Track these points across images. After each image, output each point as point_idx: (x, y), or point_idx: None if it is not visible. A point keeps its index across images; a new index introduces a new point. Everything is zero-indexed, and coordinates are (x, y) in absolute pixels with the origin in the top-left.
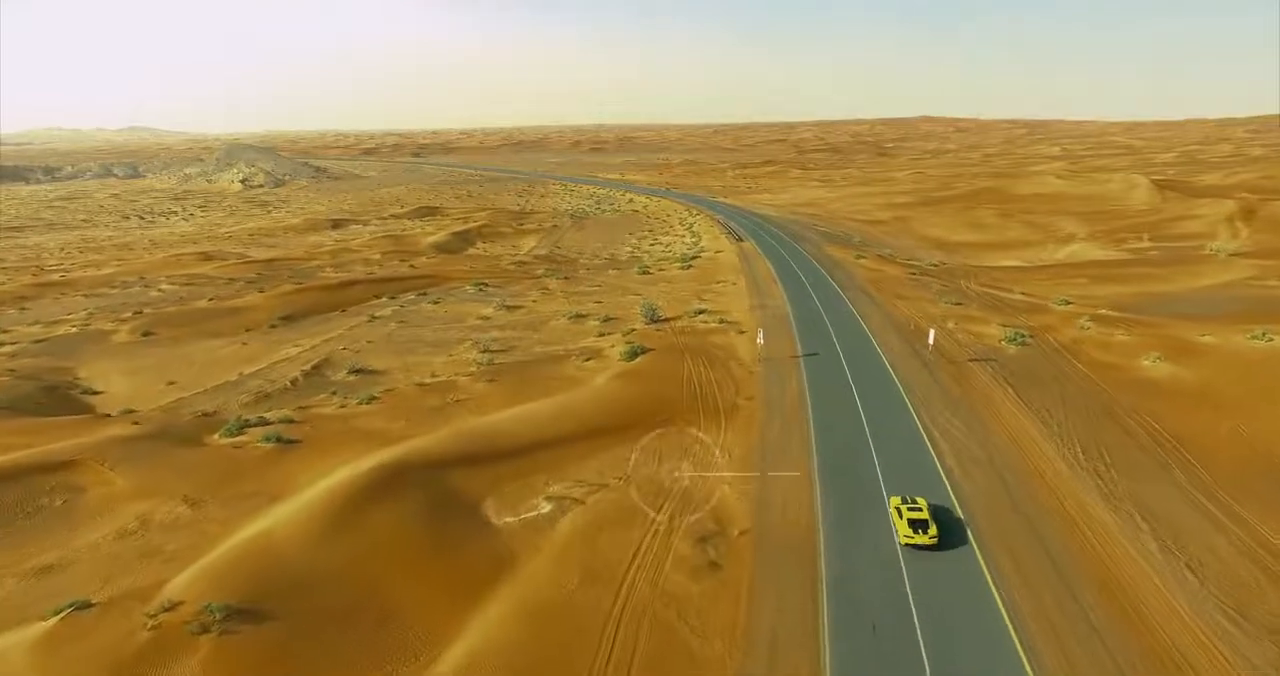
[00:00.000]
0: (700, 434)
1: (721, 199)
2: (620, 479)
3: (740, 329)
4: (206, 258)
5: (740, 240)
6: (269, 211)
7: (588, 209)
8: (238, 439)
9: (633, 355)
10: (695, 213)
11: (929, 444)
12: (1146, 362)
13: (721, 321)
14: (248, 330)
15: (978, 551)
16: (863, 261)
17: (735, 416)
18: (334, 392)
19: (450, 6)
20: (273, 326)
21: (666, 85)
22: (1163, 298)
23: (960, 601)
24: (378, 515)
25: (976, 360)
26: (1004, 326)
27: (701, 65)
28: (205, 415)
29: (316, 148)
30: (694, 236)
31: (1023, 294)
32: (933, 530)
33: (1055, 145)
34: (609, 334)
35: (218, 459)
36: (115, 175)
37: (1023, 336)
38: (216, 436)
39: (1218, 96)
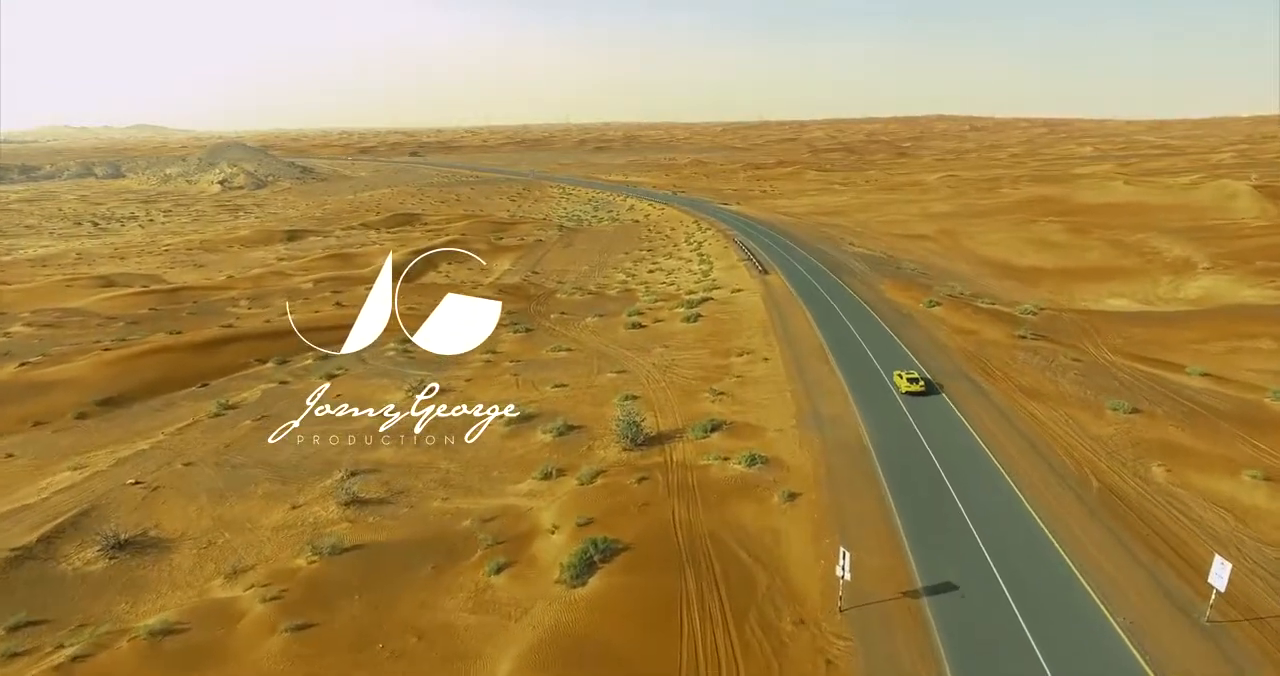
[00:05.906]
0: None
1: (734, 206)
2: None
3: (788, 488)
4: (106, 283)
5: (765, 272)
6: (236, 216)
7: (582, 216)
8: None
9: (586, 564)
10: (705, 227)
11: None
12: None
13: (752, 459)
14: (37, 424)
15: None
16: (938, 310)
17: None
18: (11, 628)
19: (454, 5)
20: (80, 416)
21: (672, 82)
22: None
23: None
24: None
25: None
26: (1266, 480)
27: (705, 62)
28: None
29: (316, 146)
30: (704, 262)
31: (1204, 375)
32: None
33: (1084, 145)
34: (559, 476)
35: None
36: (95, 175)
37: None
38: None
39: (1222, 94)
